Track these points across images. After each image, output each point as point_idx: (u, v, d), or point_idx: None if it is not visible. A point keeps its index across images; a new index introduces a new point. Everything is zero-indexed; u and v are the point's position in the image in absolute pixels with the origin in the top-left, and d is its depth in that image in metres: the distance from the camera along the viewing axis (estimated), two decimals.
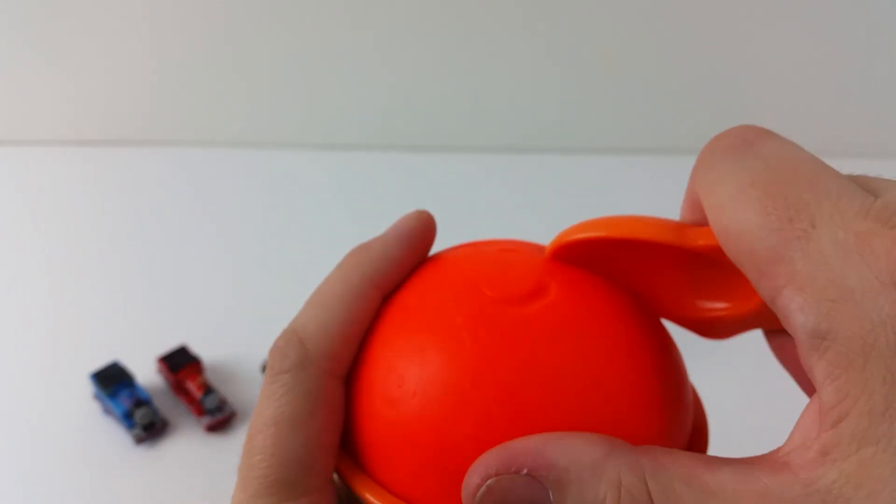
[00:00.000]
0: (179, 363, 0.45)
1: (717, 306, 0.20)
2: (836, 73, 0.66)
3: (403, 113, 0.68)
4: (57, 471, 0.42)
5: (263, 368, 0.44)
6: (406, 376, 0.19)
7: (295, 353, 0.20)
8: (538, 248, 0.22)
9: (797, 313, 0.14)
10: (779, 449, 0.15)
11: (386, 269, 0.22)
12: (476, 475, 0.17)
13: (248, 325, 0.50)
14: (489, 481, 0.16)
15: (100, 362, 0.45)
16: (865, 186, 0.15)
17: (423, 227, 0.23)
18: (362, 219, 0.60)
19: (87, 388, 0.45)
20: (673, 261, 0.19)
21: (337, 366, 0.21)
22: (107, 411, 0.44)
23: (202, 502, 0.39)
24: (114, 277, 0.55)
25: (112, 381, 0.44)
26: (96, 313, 0.52)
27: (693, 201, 0.18)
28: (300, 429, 0.20)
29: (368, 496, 0.19)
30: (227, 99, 0.67)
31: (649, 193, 0.64)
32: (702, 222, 0.17)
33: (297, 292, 0.56)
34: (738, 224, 0.15)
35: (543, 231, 0.24)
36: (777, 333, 0.20)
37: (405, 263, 0.22)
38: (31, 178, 0.64)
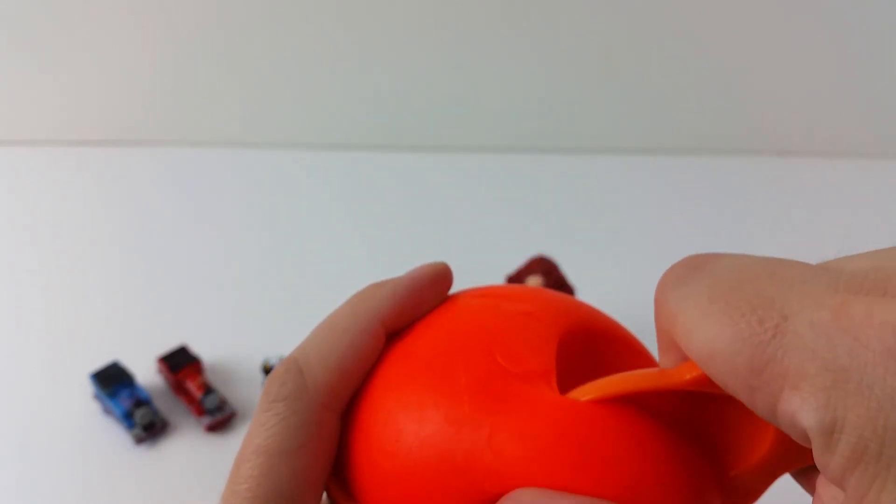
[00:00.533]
0: (179, 363, 0.45)
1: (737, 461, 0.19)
2: (836, 73, 0.66)
3: (403, 113, 0.68)
4: (57, 471, 0.42)
5: (264, 368, 0.44)
6: (404, 431, 0.18)
7: (293, 382, 0.20)
8: (563, 312, 0.21)
9: (799, 415, 0.13)
10: None
11: (395, 309, 0.21)
12: None
13: (248, 325, 0.50)
14: None
15: (100, 362, 0.45)
16: (827, 268, 0.15)
17: (439, 275, 0.22)
18: (362, 219, 0.60)
19: (87, 388, 0.45)
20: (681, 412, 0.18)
21: (334, 400, 0.20)
22: (107, 411, 0.44)
23: (202, 502, 0.39)
24: (114, 277, 0.55)
25: (112, 381, 0.44)
26: (96, 313, 0.52)
27: (665, 342, 0.17)
28: (289, 461, 0.19)
29: None
30: (226, 99, 0.67)
31: (649, 193, 0.64)
32: (683, 359, 0.16)
33: (296, 292, 0.57)
34: (711, 344, 0.14)
35: (543, 231, 0.24)
36: (804, 472, 0.19)
37: (416, 307, 0.22)
38: (30, 178, 0.64)
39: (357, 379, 0.21)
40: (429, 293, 0.22)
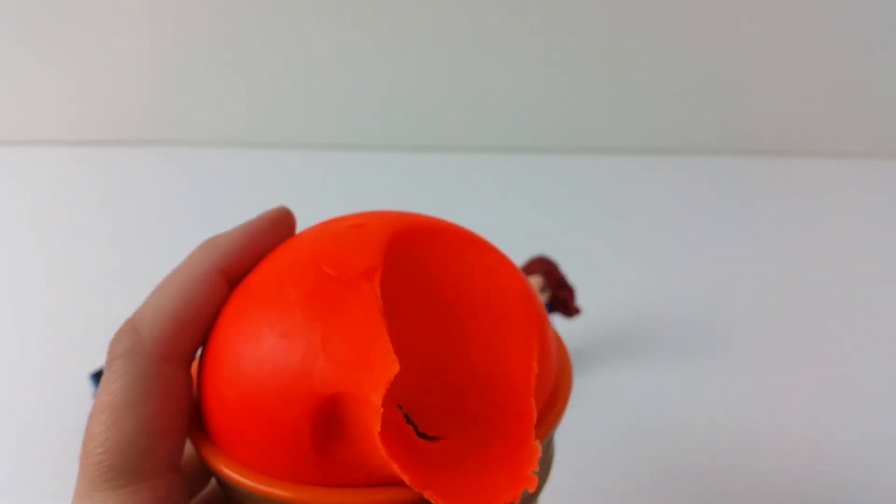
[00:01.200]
0: None
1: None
2: (837, 73, 0.66)
3: (403, 113, 0.68)
4: (57, 471, 0.42)
5: None
6: (242, 356, 0.19)
7: (127, 338, 0.20)
8: (394, 219, 0.21)
9: None
10: None
11: (232, 255, 0.21)
12: None
13: None
14: None
15: (100, 362, 0.45)
16: None
17: (279, 217, 0.23)
18: None
19: (87, 388, 0.45)
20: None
21: (173, 349, 0.20)
22: None
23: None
24: (115, 277, 0.55)
25: None
26: (96, 313, 0.52)
27: None
28: (133, 413, 0.19)
29: (225, 470, 0.19)
30: (227, 99, 0.67)
31: (649, 193, 0.64)
32: None
33: None
34: None
35: (543, 231, 0.24)
36: None
37: (255, 251, 0.22)
38: (31, 178, 0.64)
39: (199, 327, 0.21)
40: (269, 236, 0.22)
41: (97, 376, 0.44)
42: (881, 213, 0.61)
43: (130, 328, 0.21)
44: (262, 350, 0.18)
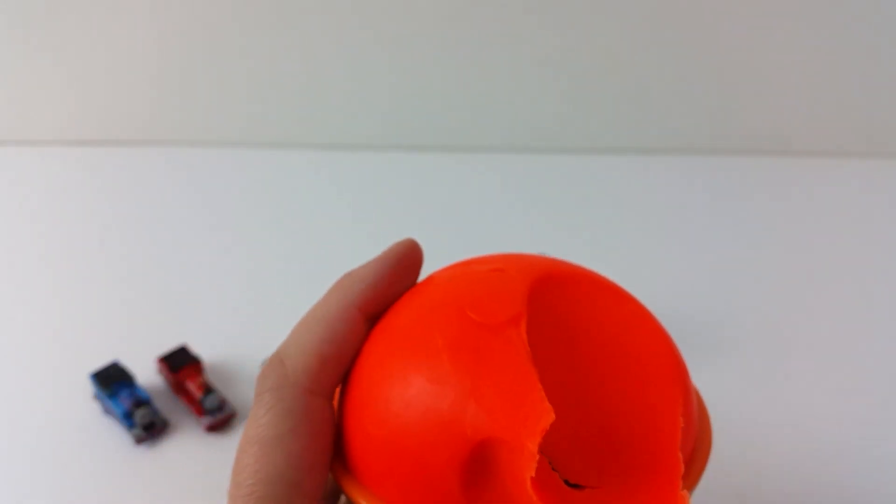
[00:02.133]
0: (179, 363, 0.45)
1: None
2: (836, 73, 0.66)
3: (404, 113, 0.68)
4: (57, 471, 0.42)
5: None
6: (391, 399, 0.19)
7: (275, 373, 0.21)
8: (533, 264, 0.22)
9: None
10: None
11: (370, 293, 0.22)
12: None
13: (248, 325, 0.50)
14: None
15: (100, 362, 0.45)
16: None
17: (410, 254, 0.23)
18: (363, 219, 0.60)
19: (87, 388, 0.45)
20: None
21: (317, 384, 0.21)
22: (107, 411, 0.44)
23: (202, 502, 0.39)
24: (114, 277, 0.55)
25: (112, 381, 0.44)
26: (96, 313, 0.52)
27: None
28: (282, 446, 0.20)
29: None
30: (227, 99, 0.67)
31: (649, 193, 0.64)
32: None
33: (297, 292, 0.56)
34: None
35: (543, 231, 0.24)
36: None
37: (391, 288, 0.23)
38: (31, 178, 0.64)
39: (340, 363, 0.21)
40: (401, 272, 0.23)
41: (97, 376, 0.44)
42: (881, 213, 0.61)
43: (278, 363, 0.21)
44: (412, 394, 0.19)
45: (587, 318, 0.21)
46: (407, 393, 0.19)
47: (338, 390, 0.22)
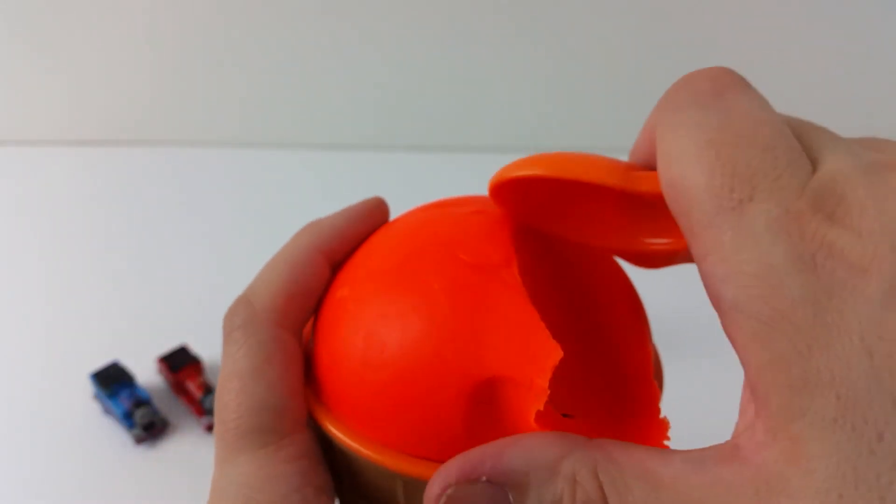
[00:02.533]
0: (179, 363, 0.45)
1: (657, 242, 0.20)
2: (836, 73, 0.66)
3: (403, 113, 0.68)
4: (57, 471, 0.42)
5: None
6: (387, 342, 0.19)
7: (243, 310, 0.22)
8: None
9: (718, 283, 0.14)
10: (732, 435, 0.15)
11: (335, 240, 0.23)
12: (436, 485, 0.17)
13: None
14: (449, 491, 0.17)
15: (100, 362, 0.45)
16: (809, 146, 0.15)
17: (375, 206, 0.24)
18: None
19: (87, 388, 0.45)
20: (616, 199, 0.19)
21: (285, 318, 0.22)
22: (107, 411, 0.44)
23: (202, 502, 0.39)
24: (114, 277, 0.55)
25: (112, 381, 0.44)
26: (96, 313, 0.52)
27: (648, 139, 0.18)
28: (260, 376, 0.20)
29: (352, 443, 0.20)
30: (226, 99, 0.67)
31: None
32: (650, 163, 0.17)
33: None
34: (684, 181, 0.15)
35: None
36: None
37: (354, 235, 0.23)
38: (31, 178, 0.64)
39: (305, 302, 0.22)
40: (366, 222, 0.24)
41: (97, 376, 0.44)
42: None
43: (245, 302, 0.22)
44: (412, 336, 0.19)
45: (561, 260, 0.22)
46: (407, 335, 0.19)
47: (307, 329, 0.23)
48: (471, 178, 0.67)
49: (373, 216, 0.24)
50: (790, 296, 0.13)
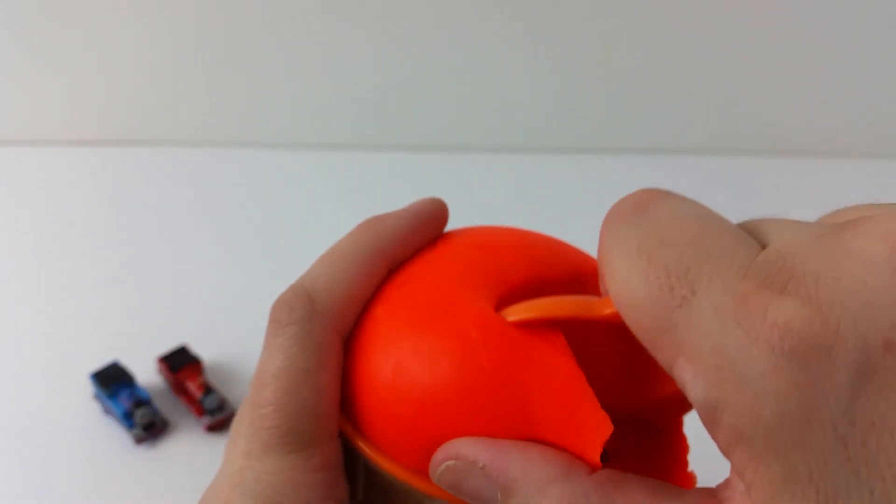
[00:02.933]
0: (179, 363, 0.45)
1: (659, 389, 0.20)
2: (836, 73, 0.66)
3: (403, 113, 0.68)
4: (57, 471, 0.42)
5: None
6: (416, 382, 0.19)
7: (303, 306, 0.21)
8: (563, 252, 0.23)
9: (689, 385, 0.14)
10: (724, 485, 0.15)
11: (396, 242, 0.22)
12: (442, 453, 0.18)
13: (248, 325, 0.50)
14: (450, 462, 0.17)
15: (100, 362, 0.45)
16: (756, 232, 0.15)
17: (437, 211, 0.24)
18: (363, 219, 0.60)
19: (87, 388, 0.45)
20: (611, 340, 0.19)
21: (340, 324, 0.21)
22: (107, 411, 0.44)
23: None
24: (114, 277, 0.55)
25: (112, 381, 0.44)
26: (96, 313, 0.52)
27: (600, 272, 0.18)
28: (311, 380, 0.20)
29: (370, 453, 0.20)
30: (227, 99, 0.67)
31: None
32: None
33: None
34: (627, 293, 0.15)
35: (543, 231, 0.24)
36: None
37: (415, 241, 0.23)
38: (30, 178, 0.64)
39: (360, 306, 0.21)
40: (427, 229, 0.23)
41: (97, 376, 0.44)
42: None
43: (305, 296, 0.21)
44: (444, 381, 0.19)
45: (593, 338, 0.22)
46: (437, 381, 0.19)
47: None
48: (471, 178, 0.67)
49: (434, 222, 0.23)
50: (755, 389, 0.13)
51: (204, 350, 0.47)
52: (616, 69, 0.66)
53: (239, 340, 0.49)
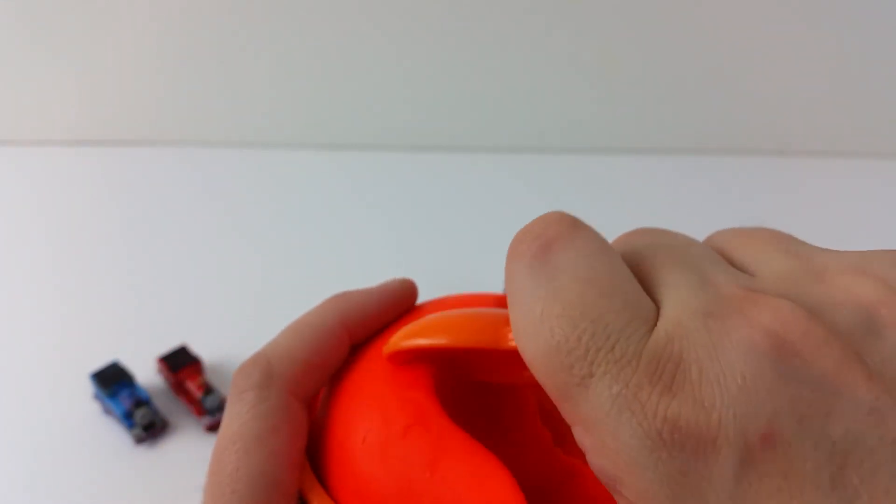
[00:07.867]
0: (179, 363, 0.45)
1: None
2: (836, 73, 0.66)
3: (405, 113, 0.68)
4: (57, 471, 0.42)
5: None
6: (369, 439, 0.20)
7: (259, 371, 0.22)
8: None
9: (589, 453, 0.15)
10: None
11: (360, 317, 0.23)
12: None
13: (248, 325, 0.50)
14: None
15: (100, 362, 0.45)
16: (656, 284, 0.16)
17: (405, 291, 0.24)
18: (363, 219, 0.60)
19: (87, 388, 0.45)
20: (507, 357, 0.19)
21: (299, 388, 0.21)
22: (107, 411, 0.44)
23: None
24: (114, 277, 0.55)
25: (112, 381, 0.44)
26: (96, 313, 0.52)
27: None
28: (264, 444, 0.20)
29: None
30: (230, 99, 0.67)
31: (649, 193, 0.64)
32: None
33: (297, 292, 0.56)
34: (531, 353, 0.15)
35: None
36: None
37: (380, 318, 0.23)
38: (32, 178, 0.64)
39: (321, 373, 0.22)
40: (393, 308, 0.24)
41: (97, 376, 0.44)
42: (881, 212, 0.61)
43: (264, 363, 0.22)
44: (404, 451, 0.19)
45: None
46: (407, 452, 0.19)
47: (318, 399, 0.23)
48: (471, 178, 0.67)
49: (401, 303, 0.24)
50: (648, 478, 0.13)
51: (204, 350, 0.47)
52: (616, 70, 0.66)
53: (239, 340, 0.49)
